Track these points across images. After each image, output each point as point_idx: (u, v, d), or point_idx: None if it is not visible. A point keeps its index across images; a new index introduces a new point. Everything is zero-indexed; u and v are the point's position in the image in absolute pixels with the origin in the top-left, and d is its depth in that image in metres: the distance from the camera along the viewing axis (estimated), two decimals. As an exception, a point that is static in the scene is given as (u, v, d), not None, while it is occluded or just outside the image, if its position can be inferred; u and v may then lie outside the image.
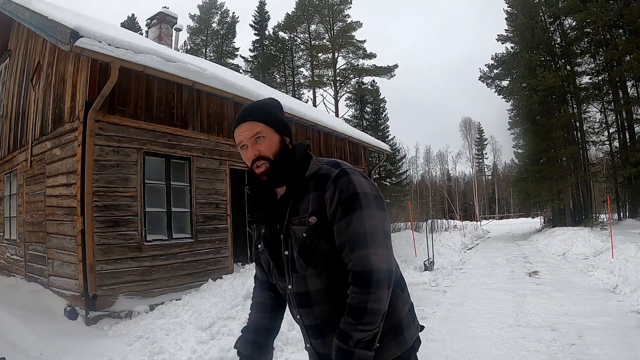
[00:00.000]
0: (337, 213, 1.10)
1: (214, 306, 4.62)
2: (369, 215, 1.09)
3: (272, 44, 36.73)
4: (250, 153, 1.19)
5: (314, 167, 1.20)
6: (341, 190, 1.11)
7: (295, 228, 1.17)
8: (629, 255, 7.42)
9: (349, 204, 1.09)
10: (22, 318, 4.39)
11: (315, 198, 1.14)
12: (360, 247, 1.07)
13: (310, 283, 1.18)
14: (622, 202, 22.35)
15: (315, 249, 1.14)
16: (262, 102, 1.27)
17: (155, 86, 5.97)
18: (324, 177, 1.16)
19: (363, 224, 1.08)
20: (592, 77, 22.49)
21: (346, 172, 1.15)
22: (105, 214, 5.16)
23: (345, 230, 1.09)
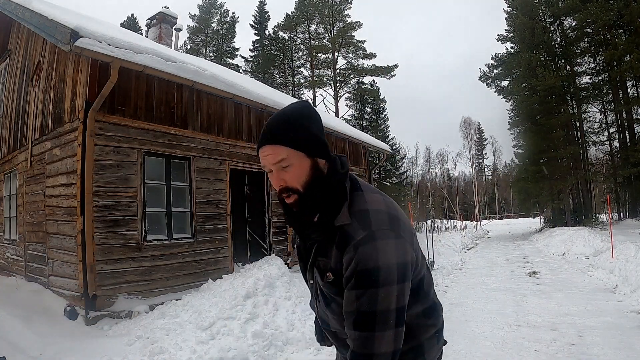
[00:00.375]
0: (350, 282, 0.98)
1: (214, 306, 4.62)
2: (386, 293, 0.95)
3: (272, 44, 36.75)
4: (276, 182, 1.06)
5: (343, 219, 1.02)
6: (359, 261, 0.96)
7: (317, 273, 1.11)
8: (629, 255, 7.42)
9: (363, 278, 0.96)
10: (22, 318, 4.39)
11: (336, 256, 1.02)
12: (364, 327, 0.96)
13: (330, 321, 1.16)
14: (622, 202, 22.35)
15: (331, 299, 1.10)
16: (288, 116, 1.06)
17: (155, 86, 5.97)
18: (347, 236, 1.00)
19: (374, 304, 0.95)
20: (592, 77, 22.50)
21: (373, 238, 0.97)
22: (105, 214, 5.16)
23: (353, 303, 0.98)
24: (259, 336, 4.12)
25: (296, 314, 4.75)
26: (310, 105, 1.12)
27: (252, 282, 5.07)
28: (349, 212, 1.02)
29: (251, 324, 4.31)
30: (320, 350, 4.17)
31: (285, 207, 1.09)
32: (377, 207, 1.03)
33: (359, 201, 1.05)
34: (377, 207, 1.04)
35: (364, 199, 1.05)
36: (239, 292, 4.84)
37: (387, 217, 1.02)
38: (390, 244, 0.97)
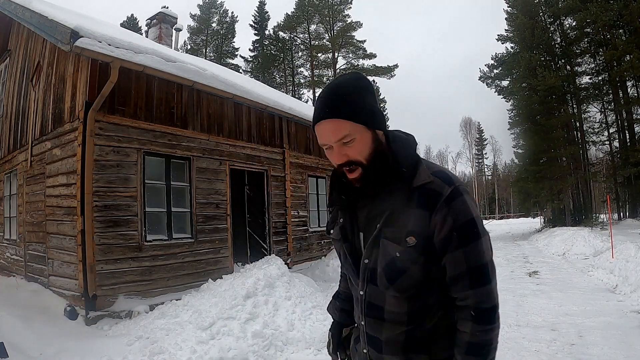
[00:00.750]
0: (452, 241, 0.96)
1: (214, 306, 4.62)
2: (486, 243, 0.99)
3: (272, 44, 36.76)
4: (337, 157, 1.01)
5: (425, 177, 1.00)
6: (457, 215, 0.96)
7: (388, 243, 1.02)
8: (629, 255, 7.42)
9: (466, 233, 0.96)
10: (22, 318, 4.39)
11: (419, 217, 0.97)
12: (482, 282, 0.97)
13: (387, 302, 1.06)
14: (622, 202, 22.36)
15: (405, 271, 1.00)
16: (345, 88, 1.01)
17: (155, 86, 5.97)
18: (433, 193, 0.98)
19: (483, 256, 0.97)
20: (592, 77, 22.50)
21: (460, 192, 0.98)
22: (105, 214, 5.16)
23: (464, 262, 0.96)
24: (259, 336, 4.12)
25: (296, 314, 4.75)
26: (363, 75, 1.07)
27: (252, 282, 5.07)
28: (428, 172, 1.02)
29: (251, 324, 4.31)
30: (320, 350, 4.17)
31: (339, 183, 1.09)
32: (443, 167, 1.08)
33: (431, 163, 1.06)
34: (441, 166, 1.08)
35: (432, 163, 1.07)
36: (239, 292, 4.84)
37: (457, 176, 1.06)
38: (470, 198, 1.01)
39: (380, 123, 1.03)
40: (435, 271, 1.01)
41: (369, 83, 1.05)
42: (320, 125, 1.00)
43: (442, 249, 0.98)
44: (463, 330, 0.98)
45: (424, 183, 0.99)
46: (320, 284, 7.34)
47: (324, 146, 1.03)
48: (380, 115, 1.03)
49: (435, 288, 1.02)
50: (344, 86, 1.01)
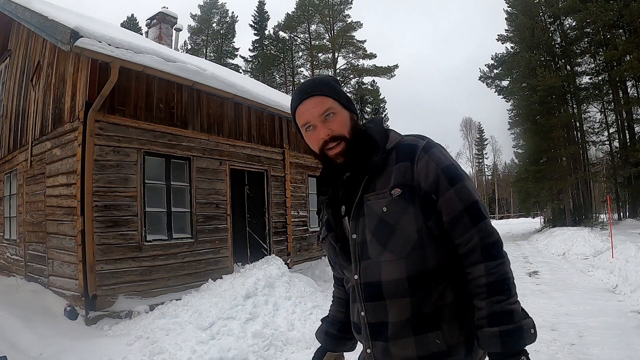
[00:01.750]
0: (441, 183, 0.98)
1: (213, 306, 4.62)
2: (471, 185, 1.02)
3: (272, 43, 36.77)
4: (322, 132, 1.04)
5: (396, 137, 1.08)
6: (437, 161, 1.00)
7: (372, 203, 1.01)
8: (629, 255, 7.41)
9: (451, 173, 0.99)
10: (22, 318, 4.39)
11: (401, 169, 1.01)
12: (481, 217, 0.97)
13: (384, 271, 1.01)
14: (622, 202, 22.34)
15: (395, 226, 0.99)
16: (322, 78, 1.14)
17: (155, 86, 5.97)
18: (410, 147, 1.03)
19: (473, 194, 0.99)
20: (592, 77, 22.49)
21: (435, 144, 1.05)
22: (105, 214, 5.16)
23: (458, 200, 0.97)
24: (259, 336, 4.12)
25: (296, 314, 4.75)
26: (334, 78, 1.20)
27: (252, 282, 5.07)
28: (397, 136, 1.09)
29: (251, 324, 4.32)
30: (320, 350, 4.17)
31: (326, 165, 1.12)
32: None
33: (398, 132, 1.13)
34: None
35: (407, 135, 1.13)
36: (239, 292, 4.84)
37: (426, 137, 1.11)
38: (443, 148, 1.06)
39: (354, 109, 1.12)
40: (428, 226, 0.99)
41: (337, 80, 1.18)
42: (302, 105, 1.07)
43: (435, 193, 0.98)
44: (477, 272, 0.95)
45: (396, 143, 1.06)
46: (320, 284, 7.34)
47: (305, 127, 1.07)
48: (354, 104, 1.13)
49: (433, 247, 0.99)
50: (319, 77, 1.14)
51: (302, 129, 1.10)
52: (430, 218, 0.99)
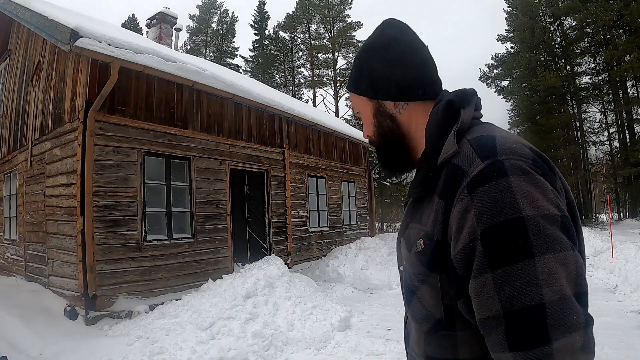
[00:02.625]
0: (476, 257, 0.57)
1: (213, 306, 4.62)
2: (552, 266, 0.54)
3: (272, 43, 36.76)
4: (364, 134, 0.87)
5: (448, 148, 0.66)
6: (482, 211, 0.57)
7: (402, 245, 0.76)
8: (629, 255, 7.42)
9: (501, 243, 0.55)
10: (22, 318, 4.39)
11: (435, 209, 0.66)
12: (532, 340, 0.53)
13: (412, 332, 0.77)
14: (622, 202, 22.37)
15: (414, 291, 0.71)
16: (359, 51, 0.83)
17: (155, 86, 5.97)
18: (455, 172, 0.63)
19: (537, 290, 0.53)
20: (592, 77, 22.53)
21: (504, 169, 0.58)
22: (105, 214, 5.16)
23: (495, 298, 0.55)
24: (259, 336, 4.12)
25: (296, 314, 4.75)
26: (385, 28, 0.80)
27: (252, 282, 5.07)
28: (456, 139, 0.66)
29: (251, 324, 4.31)
30: (320, 350, 4.17)
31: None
32: (502, 134, 0.66)
33: (481, 128, 0.69)
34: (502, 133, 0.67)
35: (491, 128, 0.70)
36: (239, 292, 4.84)
37: (521, 145, 0.63)
38: (535, 181, 0.57)
39: (384, 90, 0.77)
40: (462, 307, 0.63)
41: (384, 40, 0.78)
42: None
43: (464, 270, 0.60)
44: None
45: (447, 158, 0.65)
46: (320, 284, 7.35)
47: None
48: (388, 80, 0.76)
49: (468, 335, 0.64)
50: (360, 51, 0.83)
51: None
52: (459, 298, 0.63)
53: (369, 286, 7.57)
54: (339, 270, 8.07)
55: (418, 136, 0.77)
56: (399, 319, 5.07)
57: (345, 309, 5.19)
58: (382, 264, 8.23)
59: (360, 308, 5.82)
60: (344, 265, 8.19)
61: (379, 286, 7.51)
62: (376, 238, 10.07)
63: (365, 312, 5.59)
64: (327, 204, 10.47)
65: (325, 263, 8.48)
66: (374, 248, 8.87)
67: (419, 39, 0.79)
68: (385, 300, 6.52)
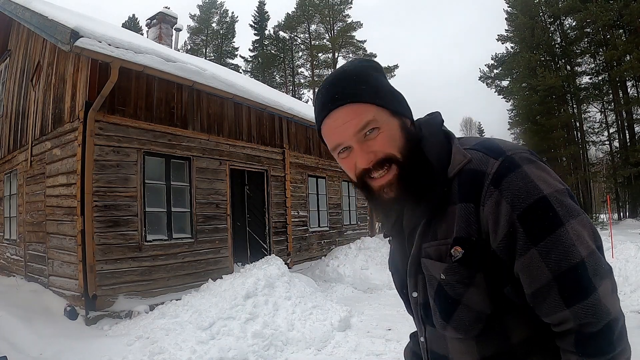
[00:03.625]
0: (517, 239, 0.65)
1: (213, 306, 4.62)
2: (576, 231, 0.64)
3: (272, 43, 36.78)
4: (362, 159, 0.73)
5: (460, 158, 0.72)
6: (514, 197, 0.65)
7: (429, 263, 0.74)
8: (629, 255, 7.41)
9: (536, 220, 0.64)
10: (22, 318, 4.39)
11: (463, 215, 0.69)
12: (582, 292, 0.62)
13: (451, 348, 0.77)
14: (622, 202, 22.37)
15: (458, 300, 0.71)
16: (357, 70, 0.76)
17: (155, 86, 5.97)
18: (474, 175, 0.69)
19: (574, 251, 0.63)
20: (592, 77, 22.54)
21: (516, 161, 0.67)
22: (105, 214, 5.16)
23: (545, 266, 0.63)
24: (259, 336, 4.12)
25: (296, 314, 4.75)
26: (372, 59, 0.83)
27: (252, 282, 5.07)
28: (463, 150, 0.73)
29: (251, 324, 4.31)
30: (320, 350, 4.17)
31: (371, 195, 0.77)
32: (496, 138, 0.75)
33: (468, 139, 0.77)
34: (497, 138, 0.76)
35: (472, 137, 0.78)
36: (239, 292, 4.84)
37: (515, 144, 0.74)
38: (540, 166, 0.68)
39: (406, 109, 0.77)
40: (509, 292, 0.69)
41: (379, 66, 0.80)
42: (330, 119, 0.73)
43: (508, 256, 0.66)
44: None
45: (460, 167, 0.71)
46: (320, 284, 7.35)
47: (336, 150, 0.75)
48: (404, 100, 0.78)
49: (517, 319, 0.70)
50: (352, 68, 0.76)
51: (332, 152, 0.77)
52: (506, 285, 0.69)
53: (369, 286, 7.57)
54: (339, 270, 8.07)
55: None
56: (399, 319, 5.06)
57: (345, 309, 5.19)
58: (382, 264, 8.23)
59: (360, 308, 5.82)
60: (344, 265, 8.19)
61: (379, 286, 7.51)
62: (376, 238, 10.07)
63: (365, 312, 5.59)
64: (327, 204, 10.47)
65: (325, 263, 8.48)
66: (374, 248, 8.87)
67: None
68: (385, 300, 6.51)
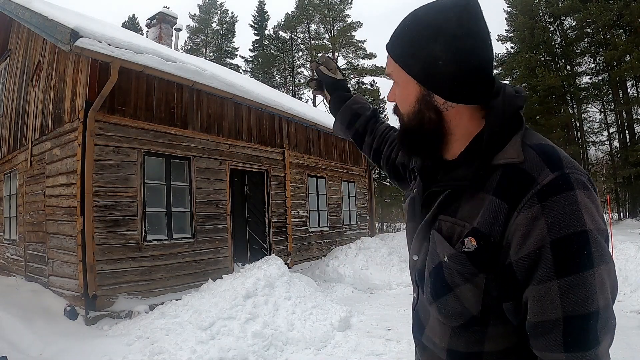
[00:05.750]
0: (542, 264, 0.60)
1: (213, 306, 4.62)
2: (604, 276, 0.60)
3: (272, 43, 36.77)
4: (389, 95, 0.79)
5: (513, 153, 0.65)
6: (556, 220, 0.59)
7: (439, 239, 0.71)
8: (629, 255, 7.41)
9: (569, 253, 0.59)
10: (22, 318, 4.39)
11: (492, 208, 0.64)
12: (588, 342, 0.59)
13: (430, 323, 0.78)
14: (622, 202, 22.36)
15: (451, 287, 0.69)
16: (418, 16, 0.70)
17: (155, 86, 5.97)
18: (523, 177, 0.63)
19: (595, 298, 0.58)
20: (592, 77, 22.53)
21: (571, 183, 0.61)
22: (105, 214, 5.16)
23: (558, 303, 0.59)
24: (259, 336, 4.12)
25: (296, 314, 4.75)
26: (460, 11, 0.67)
27: (252, 282, 5.07)
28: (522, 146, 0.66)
29: (251, 324, 4.31)
30: (320, 350, 4.17)
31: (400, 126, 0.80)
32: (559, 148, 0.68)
33: (533, 134, 0.70)
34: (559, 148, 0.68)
35: (538, 134, 0.71)
36: (239, 292, 4.84)
37: (575, 162, 0.66)
38: (592, 197, 0.62)
39: (440, 84, 0.68)
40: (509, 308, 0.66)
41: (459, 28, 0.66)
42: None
43: (524, 275, 0.62)
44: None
45: (509, 162, 0.65)
46: (320, 284, 7.35)
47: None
48: (447, 78, 0.67)
49: (498, 330, 0.68)
50: (416, 15, 0.71)
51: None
52: (507, 300, 0.65)
53: (369, 286, 7.57)
54: (339, 270, 8.07)
55: (457, 134, 0.72)
56: (399, 319, 5.07)
57: (345, 309, 5.19)
58: (382, 264, 8.23)
59: (360, 308, 5.82)
60: (344, 265, 8.19)
61: (379, 286, 7.51)
62: (376, 238, 10.07)
63: (365, 312, 5.59)
64: (327, 204, 10.47)
65: (325, 263, 8.48)
66: (374, 248, 8.87)
67: (489, 32, 0.70)
68: (385, 300, 6.52)
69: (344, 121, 1.18)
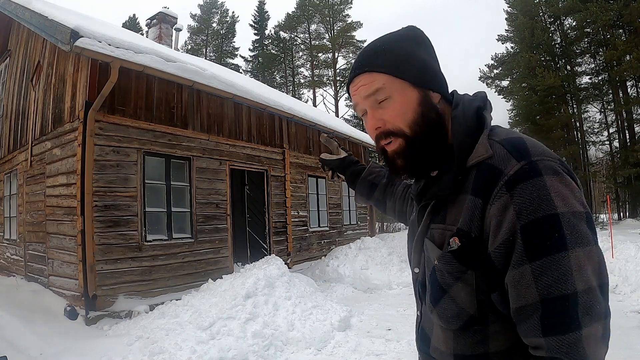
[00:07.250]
0: (514, 249, 0.61)
1: (213, 306, 4.62)
2: (582, 259, 0.59)
3: (272, 43, 36.77)
4: (371, 123, 0.76)
5: (482, 151, 0.69)
6: (521, 207, 0.61)
7: (430, 246, 0.74)
8: (629, 255, 7.41)
9: (538, 237, 0.60)
10: (22, 318, 4.39)
11: (470, 206, 0.67)
12: (564, 325, 0.58)
13: (435, 333, 0.78)
14: (622, 202, 22.36)
15: (445, 290, 0.71)
16: (387, 39, 0.77)
17: (155, 86, 5.97)
18: (491, 171, 0.66)
19: (571, 280, 0.58)
20: (592, 77, 22.53)
21: (539, 169, 0.62)
22: (105, 214, 5.17)
23: (533, 286, 0.60)
24: (259, 336, 4.12)
25: (296, 314, 4.75)
26: (417, 28, 0.79)
27: (252, 282, 5.07)
28: (489, 142, 0.70)
29: (251, 324, 4.31)
30: (320, 350, 4.17)
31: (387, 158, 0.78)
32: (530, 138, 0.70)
33: (502, 130, 0.73)
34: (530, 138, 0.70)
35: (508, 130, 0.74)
36: (239, 292, 4.84)
37: (547, 149, 0.68)
38: (565, 181, 0.62)
39: (433, 81, 0.75)
40: (496, 299, 0.67)
41: (424, 37, 0.78)
42: (353, 84, 0.78)
43: (502, 263, 0.63)
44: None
45: (479, 161, 0.68)
46: (320, 284, 7.35)
47: (360, 113, 0.79)
48: (436, 73, 0.76)
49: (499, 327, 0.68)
50: (386, 37, 0.77)
51: (357, 113, 0.82)
52: (494, 291, 0.67)
53: (369, 286, 7.57)
54: (339, 270, 8.07)
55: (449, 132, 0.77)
56: (399, 319, 5.07)
57: (345, 309, 5.19)
58: (382, 264, 8.23)
59: (360, 308, 5.82)
60: (344, 265, 8.19)
61: (379, 286, 7.51)
62: (376, 238, 10.07)
63: (365, 312, 5.59)
64: (327, 204, 10.47)
65: (325, 263, 8.48)
66: (374, 248, 8.87)
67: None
68: (385, 300, 6.52)
69: (363, 193, 1.25)
